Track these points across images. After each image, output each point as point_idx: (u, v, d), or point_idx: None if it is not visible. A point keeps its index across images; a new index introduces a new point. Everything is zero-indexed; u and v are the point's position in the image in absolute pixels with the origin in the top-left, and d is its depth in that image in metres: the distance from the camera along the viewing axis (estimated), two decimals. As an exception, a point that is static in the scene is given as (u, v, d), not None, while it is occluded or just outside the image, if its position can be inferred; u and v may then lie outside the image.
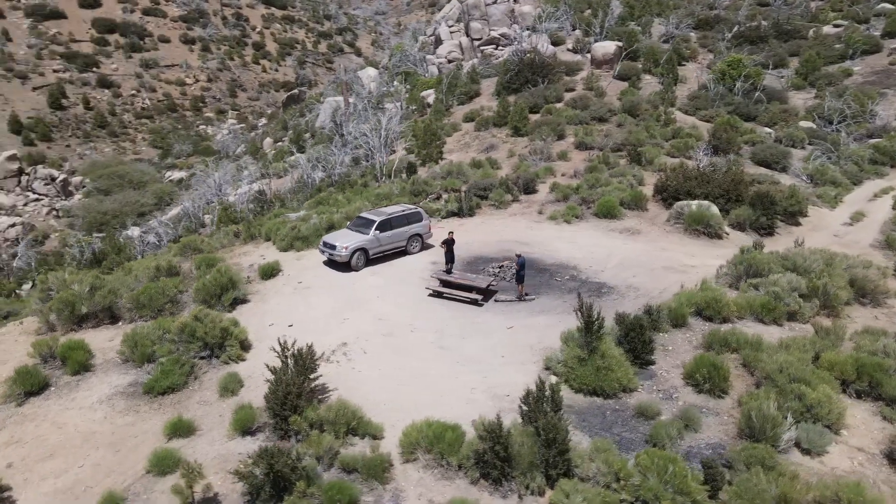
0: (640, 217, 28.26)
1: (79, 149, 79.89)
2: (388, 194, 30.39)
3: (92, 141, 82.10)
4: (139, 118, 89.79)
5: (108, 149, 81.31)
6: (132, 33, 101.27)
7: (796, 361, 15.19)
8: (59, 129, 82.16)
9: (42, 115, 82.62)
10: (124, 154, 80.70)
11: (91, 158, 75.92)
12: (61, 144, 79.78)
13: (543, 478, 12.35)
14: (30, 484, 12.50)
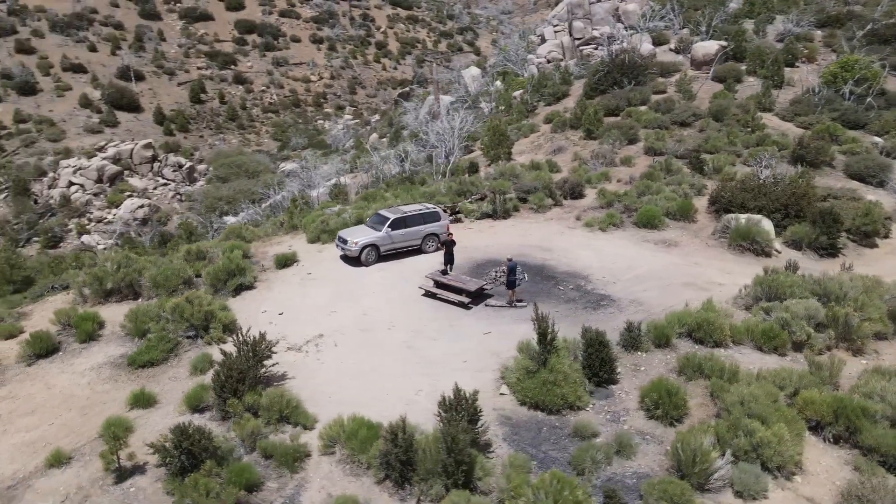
0: (685, 229, 26.67)
1: (210, 139, 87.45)
2: (433, 192, 30.86)
3: (222, 132, 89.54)
4: (266, 112, 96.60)
5: (234, 140, 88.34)
6: (268, 33, 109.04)
7: (762, 396, 13.95)
8: (195, 121, 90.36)
9: (183, 108, 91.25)
10: (248, 145, 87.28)
11: (218, 148, 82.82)
12: (196, 135, 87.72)
13: (443, 486, 12.35)
14: (5, 434, 14.37)
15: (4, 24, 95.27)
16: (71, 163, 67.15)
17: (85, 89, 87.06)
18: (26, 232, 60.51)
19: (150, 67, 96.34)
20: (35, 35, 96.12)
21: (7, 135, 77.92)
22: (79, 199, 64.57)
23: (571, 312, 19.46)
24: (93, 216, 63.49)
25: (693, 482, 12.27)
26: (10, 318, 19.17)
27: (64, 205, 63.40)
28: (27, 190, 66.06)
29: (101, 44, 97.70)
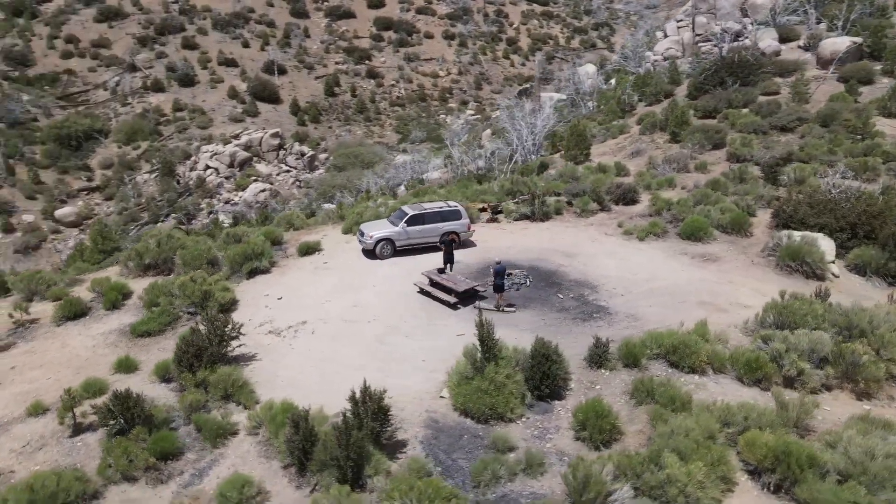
0: (734, 243, 24.56)
1: (337, 130, 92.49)
2: (485, 191, 30.81)
3: (349, 124, 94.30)
4: (392, 106, 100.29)
5: (359, 132, 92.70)
6: (403, 30, 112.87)
7: (697, 430, 12.82)
8: (327, 113, 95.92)
9: (317, 100, 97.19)
10: (371, 137, 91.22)
11: (341, 139, 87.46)
12: (325, 125, 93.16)
13: (334, 479, 12.69)
14: (12, 383, 16.68)
15: (175, 23, 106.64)
16: (209, 148, 74.21)
17: (234, 82, 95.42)
18: (166, 208, 67.82)
19: (292, 62, 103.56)
20: (199, 32, 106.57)
21: (166, 121, 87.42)
22: (212, 181, 71.23)
23: (558, 322, 18.83)
24: (222, 197, 69.79)
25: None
26: (62, 283, 22.05)
27: (199, 186, 70.27)
28: (172, 171, 73.89)
29: (254, 40, 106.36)
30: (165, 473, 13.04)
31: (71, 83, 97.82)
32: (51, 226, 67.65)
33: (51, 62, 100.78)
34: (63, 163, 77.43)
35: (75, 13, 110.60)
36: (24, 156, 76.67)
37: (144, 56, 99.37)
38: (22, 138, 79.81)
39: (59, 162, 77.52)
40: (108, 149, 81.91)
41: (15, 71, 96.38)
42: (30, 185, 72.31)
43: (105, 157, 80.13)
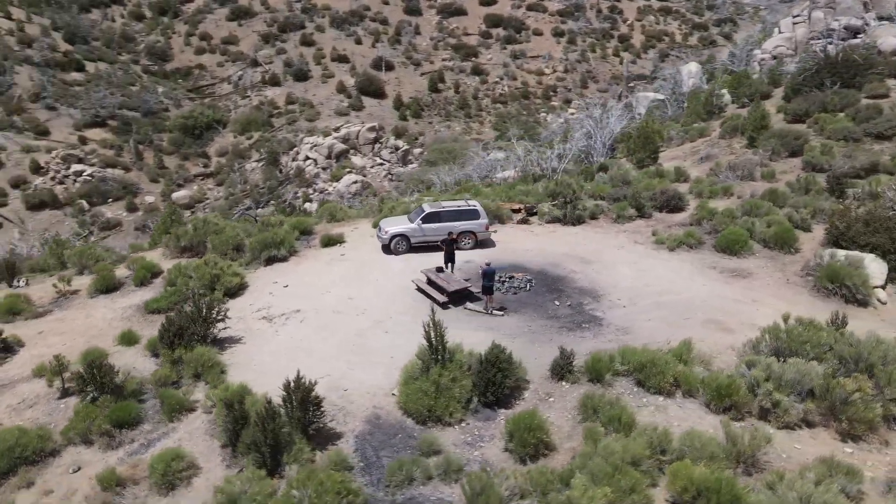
0: (774, 259, 22.61)
1: (437, 126, 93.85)
2: (527, 191, 30.29)
3: (449, 120, 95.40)
4: (494, 103, 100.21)
5: (458, 128, 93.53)
6: (511, 27, 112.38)
7: (620, 454, 12.12)
8: (429, 109, 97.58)
9: (420, 96, 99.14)
10: (469, 133, 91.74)
11: (438, 135, 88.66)
12: (426, 121, 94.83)
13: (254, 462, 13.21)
14: (34, 346, 18.66)
15: (296, 21, 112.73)
16: (310, 140, 77.97)
17: (343, 77, 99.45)
18: (266, 195, 72.11)
19: (400, 58, 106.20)
20: (318, 30, 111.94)
21: (278, 113, 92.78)
22: (310, 171, 74.81)
23: (543, 330, 18.30)
24: (318, 187, 73.14)
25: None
26: (108, 260, 24.29)
27: (298, 175, 74.07)
28: (277, 160, 78.36)
29: (366, 37, 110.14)
30: (117, 440, 14.16)
31: (201, 77, 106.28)
32: (167, 207, 74.03)
33: (186, 58, 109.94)
34: (185, 150, 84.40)
35: (211, 12, 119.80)
36: (152, 142, 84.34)
37: (266, 52, 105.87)
38: (153, 126, 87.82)
39: (182, 149, 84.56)
40: (225, 138, 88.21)
41: (155, 65, 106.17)
42: (154, 169, 79.45)
43: (221, 145, 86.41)
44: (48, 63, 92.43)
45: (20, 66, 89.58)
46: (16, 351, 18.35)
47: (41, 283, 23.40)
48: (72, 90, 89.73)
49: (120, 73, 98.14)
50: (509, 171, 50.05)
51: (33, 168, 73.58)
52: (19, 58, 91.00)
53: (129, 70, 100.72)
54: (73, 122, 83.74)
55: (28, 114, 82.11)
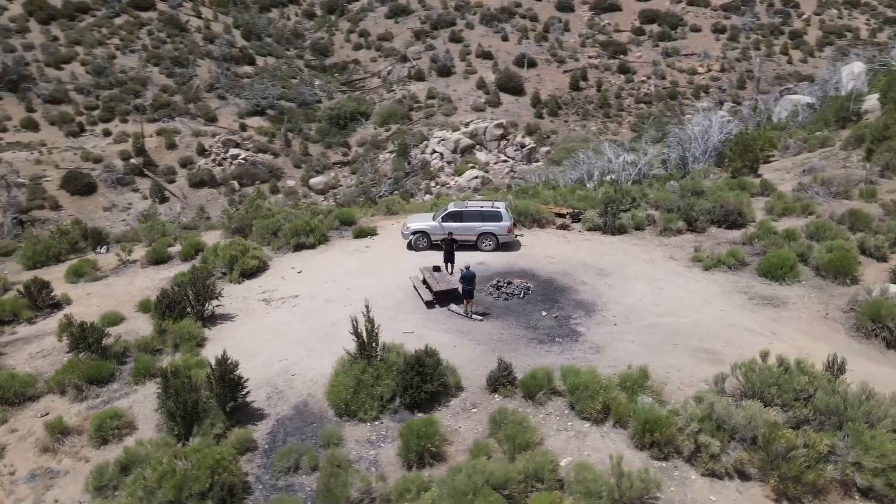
0: (821, 290, 19.85)
1: (572, 124, 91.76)
2: (587, 196, 29.01)
3: (586, 119, 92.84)
4: (638, 102, 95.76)
5: (594, 127, 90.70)
6: (667, 23, 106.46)
7: (488, 472, 11.62)
8: (567, 107, 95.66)
9: (560, 94, 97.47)
10: (605, 133, 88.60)
11: (569, 134, 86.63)
12: (562, 119, 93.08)
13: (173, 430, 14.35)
14: (78, 305, 21.41)
15: (448, 18, 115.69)
16: (439, 134, 79.87)
17: (485, 73, 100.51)
18: (392, 186, 75.21)
19: (544, 55, 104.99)
20: (467, 27, 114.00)
21: (418, 107, 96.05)
22: (436, 165, 76.75)
23: (514, 339, 17.71)
24: (440, 181, 74.87)
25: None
26: (172, 237, 27.05)
27: (422, 168, 76.33)
28: (407, 153, 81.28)
29: (513, 34, 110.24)
30: (84, 394, 15.99)
31: (355, 71, 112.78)
32: (304, 191, 79.89)
33: (344, 53, 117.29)
34: (329, 139, 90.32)
35: (372, 10, 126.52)
36: (301, 131, 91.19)
37: (415, 49, 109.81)
38: (305, 117, 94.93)
39: (327, 138, 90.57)
40: (366, 129, 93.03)
41: (316, 60, 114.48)
42: (299, 155, 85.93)
43: (362, 136, 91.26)
44: (225, 57, 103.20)
45: (202, 60, 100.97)
46: (62, 308, 21.22)
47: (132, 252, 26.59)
48: (241, 82, 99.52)
49: (284, 67, 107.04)
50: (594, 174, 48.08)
51: (199, 150, 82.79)
52: (202, 52, 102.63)
53: (292, 64, 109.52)
54: (238, 110, 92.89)
55: (202, 102, 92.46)
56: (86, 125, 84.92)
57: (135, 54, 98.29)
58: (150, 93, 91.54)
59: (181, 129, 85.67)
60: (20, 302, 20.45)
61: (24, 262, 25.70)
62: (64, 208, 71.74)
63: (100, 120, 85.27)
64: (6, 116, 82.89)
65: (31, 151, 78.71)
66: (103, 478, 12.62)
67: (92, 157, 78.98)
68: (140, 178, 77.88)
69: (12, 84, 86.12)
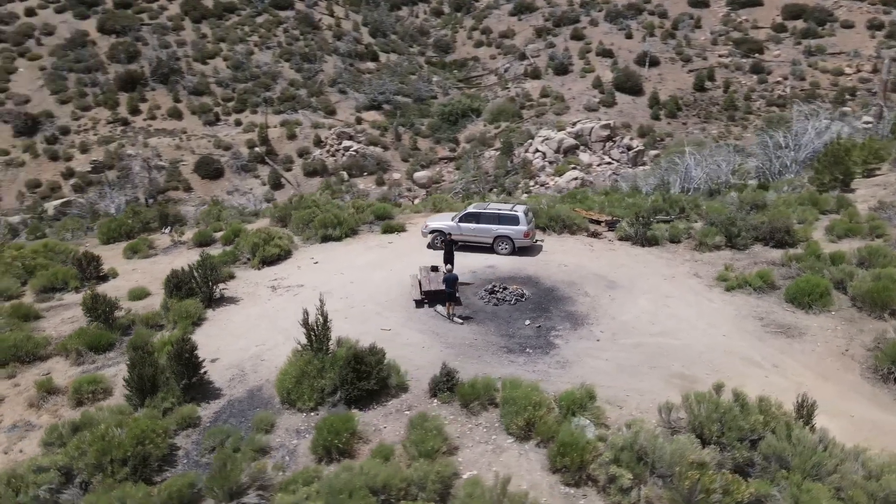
0: (852, 322, 17.63)
1: (691, 127, 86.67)
2: (635, 204, 27.52)
3: (707, 122, 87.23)
4: (770, 105, 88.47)
5: (714, 131, 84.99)
6: (814, 18, 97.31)
7: (364, 476, 11.61)
8: (687, 109, 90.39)
9: (682, 94, 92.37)
10: (726, 137, 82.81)
11: (680, 138, 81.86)
12: (680, 121, 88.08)
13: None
14: (122, 279, 23.58)
15: (572, 15, 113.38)
16: (543, 133, 78.65)
17: (603, 72, 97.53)
18: (490, 183, 75.26)
19: (669, 54, 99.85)
20: (591, 24, 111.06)
21: (529, 105, 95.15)
22: (537, 164, 75.77)
23: (485, 346, 17.35)
24: (539, 180, 73.85)
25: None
26: (224, 223, 28.97)
27: (523, 167, 75.62)
28: (511, 151, 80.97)
29: (638, 31, 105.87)
30: (82, 359, 17.65)
31: (473, 68, 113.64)
32: (408, 185, 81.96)
33: (465, 50, 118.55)
34: (439, 135, 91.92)
35: (497, 7, 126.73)
36: (413, 126, 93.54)
37: (534, 46, 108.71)
38: (419, 112, 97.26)
39: (437, 134, 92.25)
40: (476, 126, 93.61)
41: (437, 57, 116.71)
42: (408, 150, 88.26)
43: (471, 133, 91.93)
44: (350, 54, 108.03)
45: (329, 56, 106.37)
46: (108, 281, 23.51)
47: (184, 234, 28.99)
48: (362, 77, 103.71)
49: (405, 64, 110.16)
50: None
51: (315, 141, 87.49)
52: (330, 49, 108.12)
53: (413, 61, 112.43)
54: (356, 104, 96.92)
55: (324, 96, 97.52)
56: (221, 115, 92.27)
57: (270, 50, 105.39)
58: (279, 86, 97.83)
59: (302, 121, 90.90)
60: (72, 272, 22.91)
61: (101, 238, 28.70)
62: (194, 190, 78.70)
63: (233, 111, 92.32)
64: (156, 105, 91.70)
65: (174, 138, 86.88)
66: (53, 435, 13.99)
67: (223, 145, 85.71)
68: (261, 165, 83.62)
69: (164, 77, 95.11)
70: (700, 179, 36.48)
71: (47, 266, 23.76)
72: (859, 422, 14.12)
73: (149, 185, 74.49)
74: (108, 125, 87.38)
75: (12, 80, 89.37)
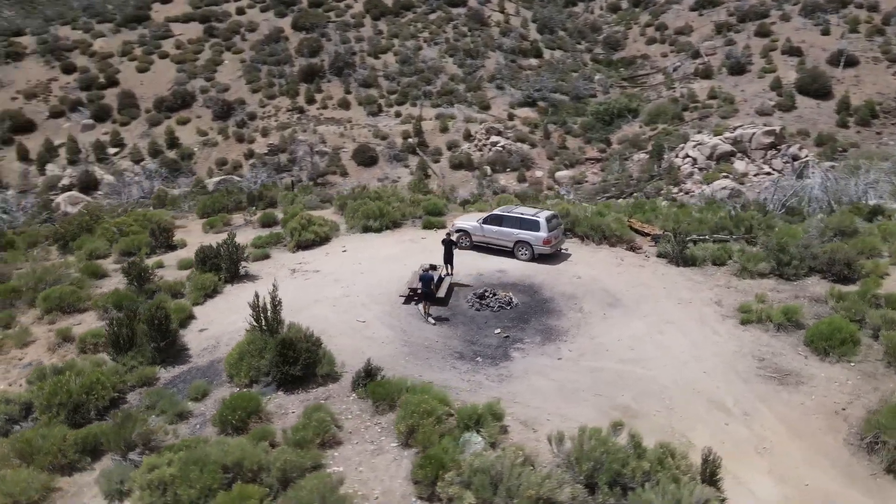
0: (871, 378, 14.86)
1: (886, 138, 75.27)
2: (701, 220, 24.91)
3: (906, 132, 75.23)
4: None
5: (911, 143, 73.06)
6: None
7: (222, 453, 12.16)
8: (887, 116, 78.55)
9: (882, 100, 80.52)
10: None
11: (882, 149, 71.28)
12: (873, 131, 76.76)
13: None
14: (187, 250, 26.25)
15: (760, 10, 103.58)
16: (697, 138, 72.99)
17: (786, 73, 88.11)
18: (632, 188, 71.76)
19: (872, 53, 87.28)
20: (782, 19, 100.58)
21: (693, 107, 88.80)
22: (685, 170, 70.68)
23: (440, 349, 17.12)
24: (685, 187, 68.87)
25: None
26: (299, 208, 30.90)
27: (668, 172, 70.93)
28: (661, 155, 76.43)
29: (837, 27, 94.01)
30: (106, 315, 20.01)
31: (641, 66, 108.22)
32: (549, 183, 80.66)
33: (635, 47, 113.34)
34: (591, 134, 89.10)
35: (678, 2, 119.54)
36: (565, 124, 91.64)
37: (709, 44, 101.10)
38: (574, 111, 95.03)
39: (588, 133, 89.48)
40: (631, 127, 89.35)
41: (604, 54, 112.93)
42: (555, 148, 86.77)
43: (625, 134, 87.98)
44: (513, 50, 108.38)
45: (492, 52, 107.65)
46: (175, 250, 26.32)
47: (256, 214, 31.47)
48: (521, 74, 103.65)
49: (569, 61, 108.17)
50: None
51: (465, 135, 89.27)
52: (494, 45, 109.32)
53: (577, 58, 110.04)
54: (511, 100, 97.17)
55: (481, 91, 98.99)
56: (384, 107, 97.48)
57: (437, 46, 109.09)
58: (440, 81, 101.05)
59: (456, 115, 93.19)
60: (146, 241, 26.04)
61: (198, 212, 32.15)
62: (350, 176, 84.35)
63: (395, 103, 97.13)
64: (329, 96, 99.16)
65: (339, 126, 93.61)
66: (36, 375, 16.27)
67: (380, 135, 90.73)
68: (412, 155, 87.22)
69: (339, 70, 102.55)
70: (822, 199, 31.96)
71: (137, 233, 27.20)
72: (810, 492, 11.86)
73: (310, 169, 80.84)
74: (287, 113, 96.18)
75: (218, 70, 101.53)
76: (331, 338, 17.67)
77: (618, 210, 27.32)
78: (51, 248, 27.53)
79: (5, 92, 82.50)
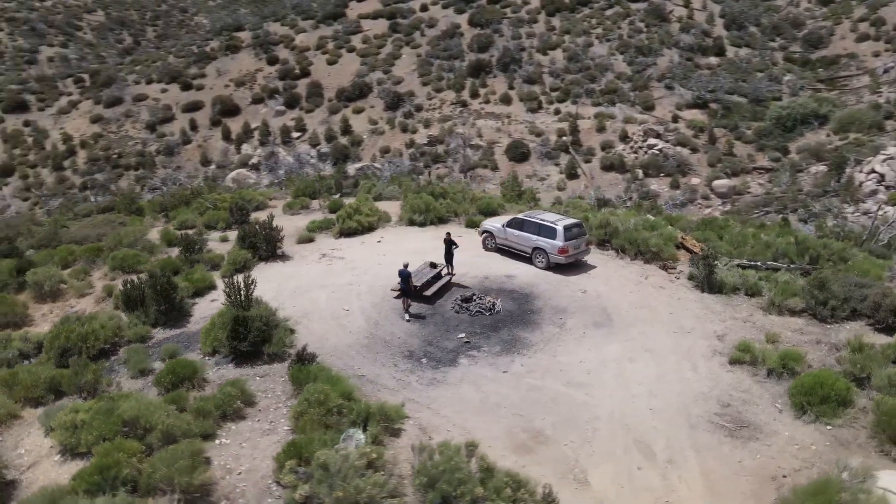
0: (839, 446, 12.25)
1: None
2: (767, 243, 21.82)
3: None
4: None
5: None
6: None
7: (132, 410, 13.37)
8: None
9: None
10: None
11: None
12: None
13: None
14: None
15: None
16: (890, 151, 63.00)
17: None
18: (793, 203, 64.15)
19: None
20: None
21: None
22: (867, 186, 61.49)
23: (398, 346, 17.16)
24: (863, 206, 59.95)
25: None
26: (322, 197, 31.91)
27: (845, 188, 62.10)
28: (842, 167, 67.30)
29: None
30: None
31: (845, 67, 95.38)
32: (703, 192, 74.39)
33: (842, 45, 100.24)
34: (765, 141, 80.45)
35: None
36: (736, 128, 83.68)
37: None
38: (751, 114, 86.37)
39: (763, 140, 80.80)
40: (816, 135, 79.32)
41: (802, 52, 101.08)
42: (720, 154, 79.72)
43: (807, 142, 78.30)
44: (692, 48, 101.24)
45: (668, 50, 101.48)
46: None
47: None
48: (696, 73, 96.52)
49: (755, 60, 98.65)
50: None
51: (622, 136, 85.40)
52: (671, 42, 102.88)
53: (765, 56, 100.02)
54: (679, 101, 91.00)
55: (648, 91, 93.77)
56: (544, 104, 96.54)
57: (608, 43, 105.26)
58: (605, 79, 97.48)
59: (616, 115, 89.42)
60: (225, 217, 28.67)
61: (292, 195, 34.68)
62: (499, 170, 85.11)
63: (556, 100, 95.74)
64: (492, 91, 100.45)
65: (497, 121, 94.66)
66: (62, 320, 18.89)
67: (536, 132, 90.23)
68: (564, 154, 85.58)
69: (505, 65, 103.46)
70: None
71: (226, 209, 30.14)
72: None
73: (462, 162, 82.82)
74: (451, 106, 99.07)
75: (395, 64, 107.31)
76: (309, 321, 18.46)
77: (687, 225, 24.70)
78: (158, 216, 31.47)
79: (221, 80, 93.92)
